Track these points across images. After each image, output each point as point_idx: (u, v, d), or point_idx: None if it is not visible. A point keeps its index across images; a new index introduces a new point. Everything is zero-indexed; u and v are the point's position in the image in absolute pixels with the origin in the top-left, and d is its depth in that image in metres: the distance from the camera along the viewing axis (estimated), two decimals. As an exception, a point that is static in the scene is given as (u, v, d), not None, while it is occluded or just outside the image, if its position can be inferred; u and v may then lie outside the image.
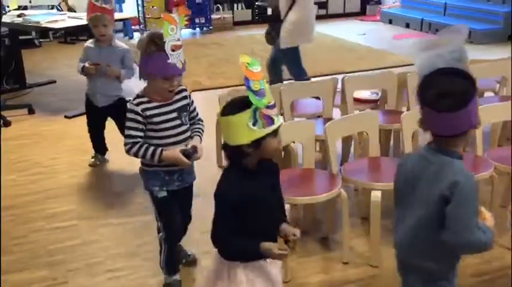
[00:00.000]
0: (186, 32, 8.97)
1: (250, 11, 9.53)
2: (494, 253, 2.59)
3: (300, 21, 4.07)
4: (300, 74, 4.38)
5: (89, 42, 3.54)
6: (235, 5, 9.43)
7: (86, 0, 3.67)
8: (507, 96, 3.56)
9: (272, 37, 4.19)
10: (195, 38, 8.62)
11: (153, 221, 2.95)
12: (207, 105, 4.88)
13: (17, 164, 3.73)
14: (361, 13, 10.19)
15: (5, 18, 5.21)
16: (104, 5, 3.38)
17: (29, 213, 3.13)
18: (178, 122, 2.21)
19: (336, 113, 3.54)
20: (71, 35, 8.20)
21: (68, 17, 5.33)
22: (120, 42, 3.57)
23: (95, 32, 3.42)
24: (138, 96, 2.18)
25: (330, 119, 3.30)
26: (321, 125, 2.99)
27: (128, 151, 2.16)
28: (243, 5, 9.49)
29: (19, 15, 5.15)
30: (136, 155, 2.15)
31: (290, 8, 3.89)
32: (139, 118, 2.13)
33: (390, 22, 9.35)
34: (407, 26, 8.91)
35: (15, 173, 3.59)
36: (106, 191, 3.36)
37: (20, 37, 6.07)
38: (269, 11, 3.80)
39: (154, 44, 2.08)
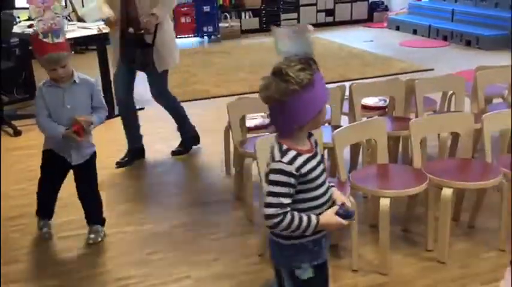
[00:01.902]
0: (194, 41, 9.03)
1: (257, 19, 9.58)
2: (504, 261, 2.58)
3: (169, 43, 3.87)
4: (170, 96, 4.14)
5: (44, 85, 2.69)
6: (242, 14, 9.48)
7: (95, 8, 3.64)
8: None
9: (141, 62, 3.72)
10: (203, 47, 8.67)
11: (164, 230, 2.98)
12: (215, 114, 4.93)
13: (26, 173, 3.76)
14: (368, 20, 10.20)
15: (16, 29, 5.27)
16: (56, 40, 2.58)
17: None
18: (325, 176, 1.72)
19: (344, 120, 3.55)
20: (81, 45, 8.27)
21: (78, 27, 5.39)
22: (80, 74, 2.74)
23: (53, 76, 2.64)
24: (285, 151, 1.62)
25: (338, 126, 3.30)
26: (329, 132, 2.99)
27: (275, 226, 1.60)
28: (251, 14, 9.54)
29: (29, 26, 5.22)
30: (287, 228, 1.60)
31: (156, 32, 3.63)
32: (293, 181, 1.60)
33: (398, 29, 9.36)
34: (415, 32, 8.90)
35: (24, 183, 3.62)
36: (115, 200, 3.38)
37: (30, 47, 6.14)
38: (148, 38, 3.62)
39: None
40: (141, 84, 4.15)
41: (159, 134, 4.59)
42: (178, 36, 8.76)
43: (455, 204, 2.78)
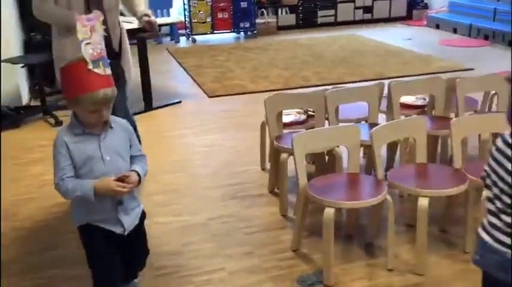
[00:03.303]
0: (230, 36, 9.07)
1: (294, 15, 9.55)
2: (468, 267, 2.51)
3: (129, 51, 3.37)
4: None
5: (69, 135, 1.96)
6: (279, 10, 9.46)
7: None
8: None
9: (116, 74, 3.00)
10: (239, 42, 8.70)
11: (199, 222, 3.02)
12: (251, 109, 4.96)
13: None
14: (407, 17, 10.03)
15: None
16: (108, 71, 1.95)
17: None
18: None
19: (381, 119, 3.51)
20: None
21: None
22: (115, 117, 2.10)
23: (91, 121, 1.95)
24: None
25: (375, 124, 3.26)
26: (366, 130, 2.97)
27: None
28: (287, 10, 9.51)
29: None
30: None
31: (121, 37, 3.20)
32: None
33: (437, 27, 9.17)
34: (455, 31, 8.71)
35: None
36: (152, 191, 3.44)
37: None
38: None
39: None
40: (173, 78, 4.20)
41: (195, 128, 4.64)
42: (215, 31, 8.87)
43: (495, 206, 2.71)
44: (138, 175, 2.01)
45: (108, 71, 1.94)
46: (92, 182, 1.91)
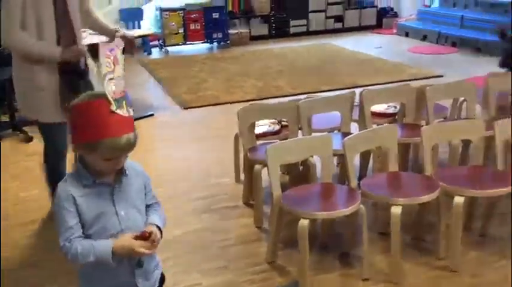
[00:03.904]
0: (204, 47, 9.06)
1: (266, 25, 9.60)
2: (443, 274, 2.56)
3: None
4: None
5: (74, 185, 1.62)
6: (251, 20, 9.50)
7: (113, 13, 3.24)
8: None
9: None
10: (212, 53, 8.70)
11: (174, 237, 2.98)
12: (225, 120, 4.94)
13: (39, 179, 3.79)
14: (377, 26, 10.19)
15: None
16: (131, 112, 1.65)
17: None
18: None
19: (354, 128, 3.54)
20: (94, 54, 8.34)
21: (89, 33, 5.41)
22: (129, 160, 1.73)
23: (105, 169, 1.63)
24: None
25: (348, 133, 3.29)
26: (339, 139, 2.98)
27: None
28: (260, 20, 9.56)
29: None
30: None
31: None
32: None
33: (407, 35, 9.33)
34: (424, 38, 8.88)
35: (38, 189, 3.64)
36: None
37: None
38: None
39: None
40: (146, 90, 4.16)
41: (169, 141, 4.60)
42: (188, 42, 8.85)
43: (466, 212, 2.76)
44: (159, 229, 1.70)
45: (131, 112, 1.63)
46: (109, 243, 1.58)
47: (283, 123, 3.56)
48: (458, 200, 2.51)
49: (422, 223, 2.88)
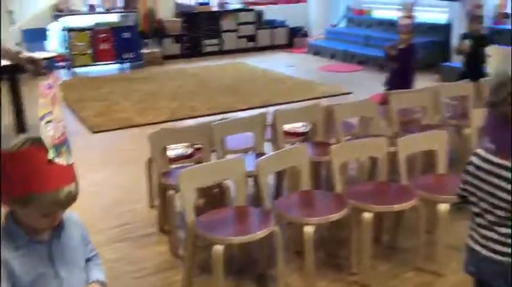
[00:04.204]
0: (115, 67, 8.82)
1: (179, 45, 9.55)
2: (422, 280, 2.68)
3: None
4: None
5: (6, 246, 1.40)
6: (164, 40, 9.41)
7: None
8: (428, 125, 3.75)
9: None
10: (124, 73, 8.49)
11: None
12: (138, 143, 4.80)
13: None
14: (289, 45, 10.48)
15: None
16: (71, 160, 1.47)
17: None
18: None
19: (268, 147, 3.57)
20: None
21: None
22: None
23: (41, 225, 1.44)
24: None
25: (262, 153, 3.32)
26: (253, 160, 2.99)
27: None
28: (172, 40, 9.49)
29: None
30: None
31: None
32: None
33: (317, 54, 9.68)
34: (333, 57, 9.25)
35: None
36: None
37: None
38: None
39: None
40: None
41: (79, 167, 4.38)
42: (97, 62, 8.57)
43: (376, 226, 2.86)
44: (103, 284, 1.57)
45: (71, 159, 1.44)
46: None
47: (196, 146, 3.52)
48: (367, 216, 2.59)
49: (336, 239, 2.95)
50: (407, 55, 4.94)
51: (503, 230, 1.67)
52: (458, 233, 3.05)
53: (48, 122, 1.44)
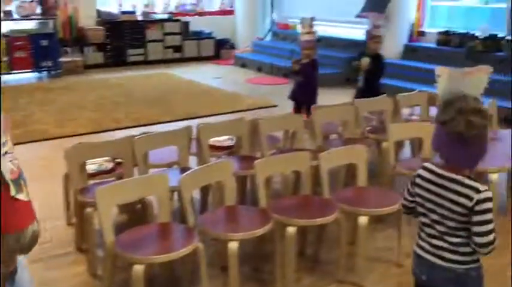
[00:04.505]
0: (32, 76, 8.39)
1: (102, 53, 9.26)
2: None
3: None
4: None
5: None
6: (85, 48, 9.08)
7: None
8: (349, 139, 3.86)
9: None
10: (42, 83, 8.09)
11: None
12: (56, 157, 4.55)
13: None
14: (216, 57, 10.48)
15: None
16: (28, 196, 1.32)
17: None
18: None
19: (193, 161, 3.52)
20: None
21: None
22: None
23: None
24: (476, 180, 1.75)
25: (186, 168, 3.26)
26: (178, 175, 2.93)
27: (492, 249, 1.75)
28: (94, 48, 9.18)
29: None
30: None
31: None
32: None
33: (244, 66, 9.75)
34: (260, 69, 9.35)
35: None
36: None
37: None
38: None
39: None
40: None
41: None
42: (13, 71, 8.11)
43: (299, 239, 2.89)
44: None
45: (28, 194, 1.28)
46: None
47: (118, 160, 3.39)
48: (291, 230, 2.61)
49: (260, 254, 2.94)
50: (310, 69, 5.09)
51: (454, 239, 1.77)
52: (378, 245, 3.18)
53: (6, 153, 1.22)
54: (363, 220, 2.73)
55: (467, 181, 1.73)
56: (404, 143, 4.39)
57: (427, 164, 1.84)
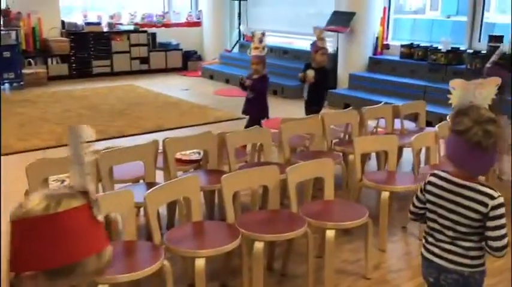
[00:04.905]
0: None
1: (66, 65, 9.09)
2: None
3: None
4: None
5: None
6: (49, 59, 8.90)
7: None
8: (316, 152, 3.89)
9: None
10: (4, 95, 7.86)
11: None
12: (17, 174, 4.41)
13: None
14: (183, 68, 10.43)
15: None
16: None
17: None
18: None
19: (160, 175, 3.47)
20: None
21: None
22: None
23: None
24: (488, 187, 1.87)
25: (153, 183, 3.21)
26: (144, 190, 2.87)
27: (505, 253, 1.84)
28: (58, 60, 9.01)
29: None
30: None
31: None
32: None
33: (212, 78, 9.73)
34: (228, 81, 9.35)
35: None
36: None
37: None
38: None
39: None
40: None
41: None
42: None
43: (268, 254, 2.87)
44: None
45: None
46: None
47: (82, 175, 3.31)
48: (258, 245, 2.59)
49: (229, 269, 2.91)
50: (261, 85, 5.02)
51: (466, 244, 1.86)
52: (346, 258, 3.19)
53: (88, 174, 1.20)
54: (330, 233, 2.74)
55: (481, 188, 1.81)
56: (371, 155, 4.45)
57: (438, 172, 1.93)
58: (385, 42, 7.96)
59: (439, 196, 1.89)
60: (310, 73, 5.07)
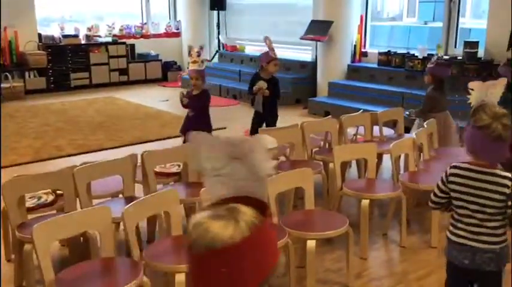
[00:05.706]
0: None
1: (44, 78, 8.98)
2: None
3: None
4: None
5: None
6: (26, 73, 8.78)
7: None
8: (297, 161, 3.89)
9: None
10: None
11: None
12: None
13: None
14: (163, 79, 10.38)
15: None
16: None
17: None
18: None
19: (139, 189, 3.43)
20: None
21: None
22: None
23: None
24: None
25: (131, 197, 3.17)
26: (122, 205, 2.84)
27: None
28: (36, 73, 8.90)
29: None
30: None
31: None
32: None
33: (191, 88, 9.69)
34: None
35: None
36: None
37: None
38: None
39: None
40: None
41: None
42: None
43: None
44: None
45: None
46: None
47: (59, 191, 3.26)
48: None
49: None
50: (202, 101, 4.74)
51: (493, 224, 2.09)
52: (327, 267, 3.19)
53: None
54: (310, 243, 2.73)
55: (501, 173, 2.07)
56: (352, 162, 4.47)
57: (459, 164, 2.14)
58: (363, 50, 8.03)
59: (465, 185, 2.10)
60: (264, 85, 4.93)
